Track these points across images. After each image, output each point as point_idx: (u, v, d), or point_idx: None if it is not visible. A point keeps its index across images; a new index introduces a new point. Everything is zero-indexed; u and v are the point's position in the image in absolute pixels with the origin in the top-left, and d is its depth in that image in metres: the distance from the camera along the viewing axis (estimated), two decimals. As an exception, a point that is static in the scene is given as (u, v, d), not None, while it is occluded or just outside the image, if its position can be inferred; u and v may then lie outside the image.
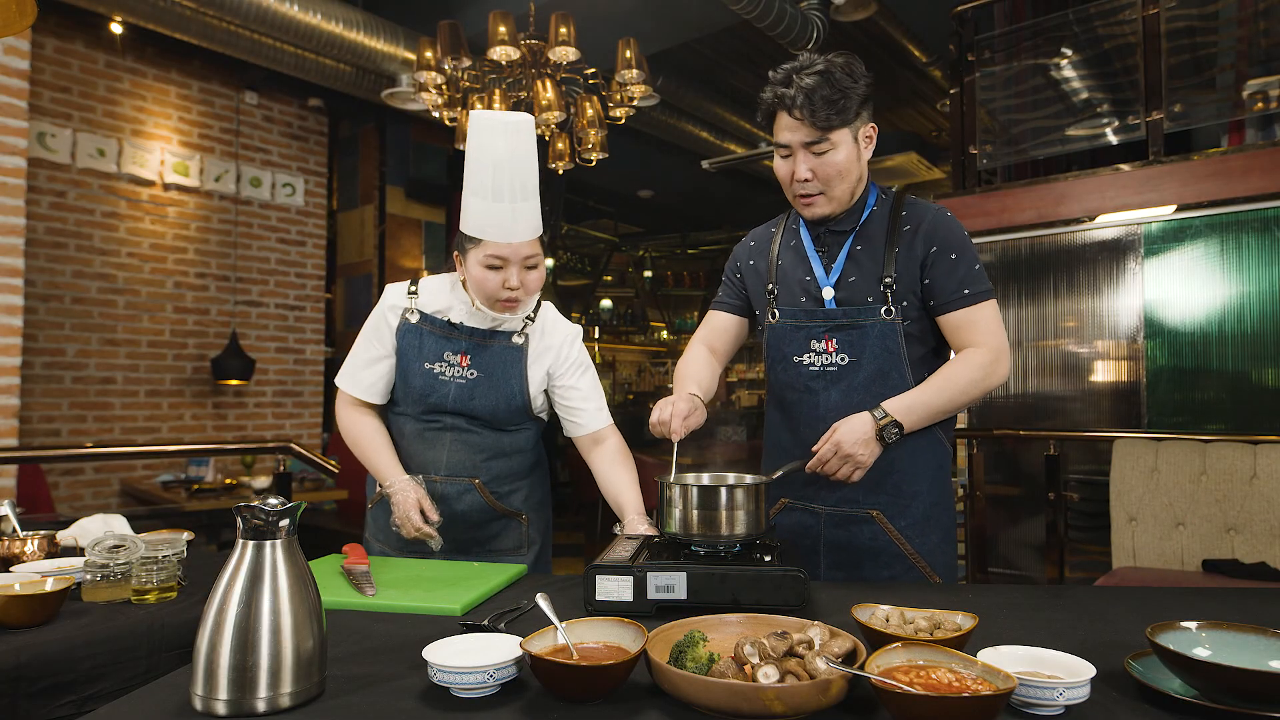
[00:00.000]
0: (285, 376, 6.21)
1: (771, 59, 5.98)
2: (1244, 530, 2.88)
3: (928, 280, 1.57)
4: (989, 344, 1.55)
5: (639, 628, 1.01)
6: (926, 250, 1.56)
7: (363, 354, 1.80)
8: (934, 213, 1.61)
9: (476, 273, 1.64)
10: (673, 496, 1.37)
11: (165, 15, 4.50)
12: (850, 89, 1.50)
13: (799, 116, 1.51)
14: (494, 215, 1.59)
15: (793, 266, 1.68)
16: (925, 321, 1.60)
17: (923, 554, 1.60)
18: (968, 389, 1.53)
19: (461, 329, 1.75)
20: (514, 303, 1.67)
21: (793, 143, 1.55)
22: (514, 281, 1.63)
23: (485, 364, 1.74)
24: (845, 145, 1.54)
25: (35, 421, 4.91)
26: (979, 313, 1.56)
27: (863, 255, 1.61)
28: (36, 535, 1.65)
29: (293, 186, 6.24)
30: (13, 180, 3.60)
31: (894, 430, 1.48)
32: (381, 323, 1.77)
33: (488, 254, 1.61)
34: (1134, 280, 3.59)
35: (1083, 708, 0.89)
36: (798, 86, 1.51)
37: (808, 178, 1.55)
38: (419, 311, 1.75)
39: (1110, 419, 3.66)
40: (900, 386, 1.56)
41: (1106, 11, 3.91)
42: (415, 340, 1.74)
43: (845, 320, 1.59)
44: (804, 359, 1.63)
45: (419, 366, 1.73)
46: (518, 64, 3.85)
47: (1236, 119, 3.69)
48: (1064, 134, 4.07)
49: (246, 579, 0.92)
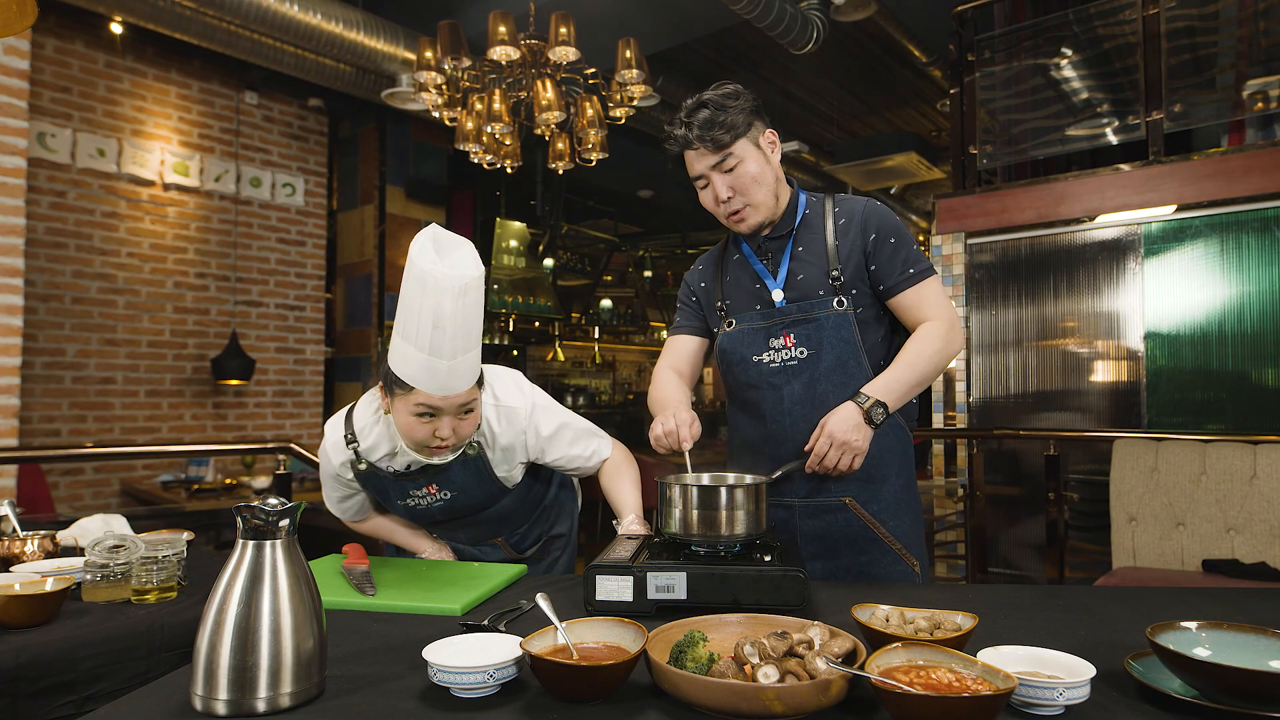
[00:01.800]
0: (285, 376, 6.21)
1: (771, 59, 6.00)
2: (1244, 530, 2.88)
3: (873, 267, 1.64)
4: (941, 316, 1.63)
5: (639, 628, 1.01)
6: (866, 239, 1.65)
7: (334, 494, 1.79)
8: (865, 204, 1.70)
9: (405, 420, 1.50)
10: (673, 496, 1.37)
11: (165, 15, 4.50)
12: (730, 107, 1.60)
13: (698, 147, 1.61)
14: (430, 369, 1.43)
15: (739, 279, 1.75)
16: (875, 307, 1.67)
17: (897, 536, 1.65)
18: (934, 359, 1.60)
19: (412, 473, 1.66)
20: (443, 449, 1.54)
21: (703, 170, 1.63)
22: (445, 431, 1.50)
23: (454, 483, 1.67)
24: (750, 155, 1.62)
25: (35, 421, 4.90)
26: (926, 289, 1.64)
27: (805, 254, 1.68)
28: (36, 535, 1.65)
29: (293, 186, 6.24)
30: (13, 180, 3.60)
31: (879, 410, 1.53)
32: (336, 482, 1.73)
33: (418, 403, 1.47)
34: (1134, 280, 3.59)
35: (1083, 708, 0.89)
36: (686, 125, 1.62)
37: (729, 196, 1.63)
38: (366, 461, 1.65)
39: (1110, 419, 3.66)
40: (858, 373, 1.62)
41: (1106, 11, 3.91)
42: (377, 484, 1.68)
43: (800, 315, 1.65)
44: (764, 357, 1.68)
45: (394, 501, 1.71)
46: (518, 64, 3.85)
47: (1236, 119, 3.69)
48: (1064, 134, 4.07)
49: (246, 579, 0.92)
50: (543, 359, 9.49)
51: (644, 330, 11.03)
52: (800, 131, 7.44)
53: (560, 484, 1.93)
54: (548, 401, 1.73)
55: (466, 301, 1.42)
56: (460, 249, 1.45)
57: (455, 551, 1.86)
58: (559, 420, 1.72)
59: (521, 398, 1.69)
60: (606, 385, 10.58)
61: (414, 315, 1.42)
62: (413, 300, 1.43)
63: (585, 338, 10.22)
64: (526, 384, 1.74)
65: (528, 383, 1.74)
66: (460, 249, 1.45)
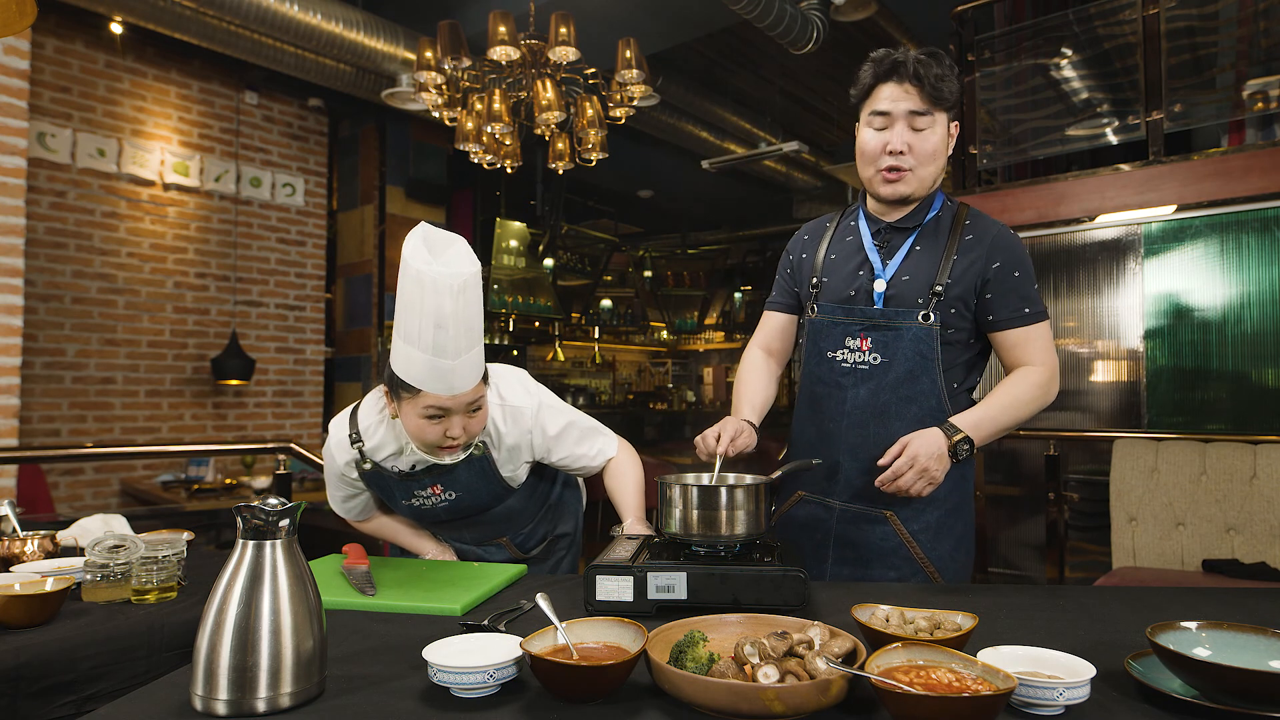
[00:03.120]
0: (285, 376, 6.21)
1: (772, 59, 5.99)
2: (1244, 530, 2.88)
3: (989, 295, 1.56)
4: (1045, 363, 1.56)
5: (639, 628, 1.01)
6: (989, 264, 1.56)
7: (338, 494, 1.78)
8: (999, 228, 1.61)
9: (413, 423, 1.50)
10: (673, 496, 1.37)
11: (165, 15, 4.50)
12: (953, 78, 1.54)
13: (910, 87, 1.52)
14: (435, 369, 1.42)
15: (845, 259, 1.66)
16: (970, 331, 1.59)
17: (933, 560, 1.59)
18: (1029, 406, 1.54)
19: (416, 474, 1.66)
20: (454, 448, 1.55)
21: (895, 111, 1.53)
22: (456, 431, 1.51)
23: (459, 484, 1.67)
24: (941, 128, 1.55)
25: (35, 421, 4.90)
26: (1036, 331, 1.56)
27: (921, 255, 1.59)
28: (36, 535, 1.65)
29: (293, 186, 6.24)
30: (13, 180, 3.60)
31: (965, 447, 1.46)
32: (341, 481, 1.74)
33: (427, 405, 1.46)
34: (1134, 280, 3.59)
35: (1083, 708, 0.89)
36: (912, 60, 1.52)
37: (903, 150, 1.54)
38: (371, 460, 1.66)
39: (1110, 419, 3.66)
40: (930, 390, 1.56)
41: (1106, 11, 3.91)
42: (382, 483, 1.68)
43: (883, 321, 1.58)
44: (838, 355, 1.63)
45: (397, 503, 1.72)
46: (518, 64, 3.85)
47: (1236, 119, 3.69)
48: (1064, 134, 4.07)
49: (246, 579, 0.92)
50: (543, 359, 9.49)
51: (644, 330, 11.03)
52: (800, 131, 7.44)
53: (565, 483, 1.93)
54: (554, 400, 1.72)
55: (466, 299, 1.41)
56: (453, 246, 1.44)
57: (459, 552, 1.85)
58: (565, 419, 1.70)
59: (527, 397, 1.67)
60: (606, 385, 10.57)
61: (414, 317, 1.41)
62: (411, 302, 1.41)
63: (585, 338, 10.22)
64: (532, 383, 1.73)
65: (533, 381, 1.74)
66: (453, 246, 1.44)
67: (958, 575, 1.64)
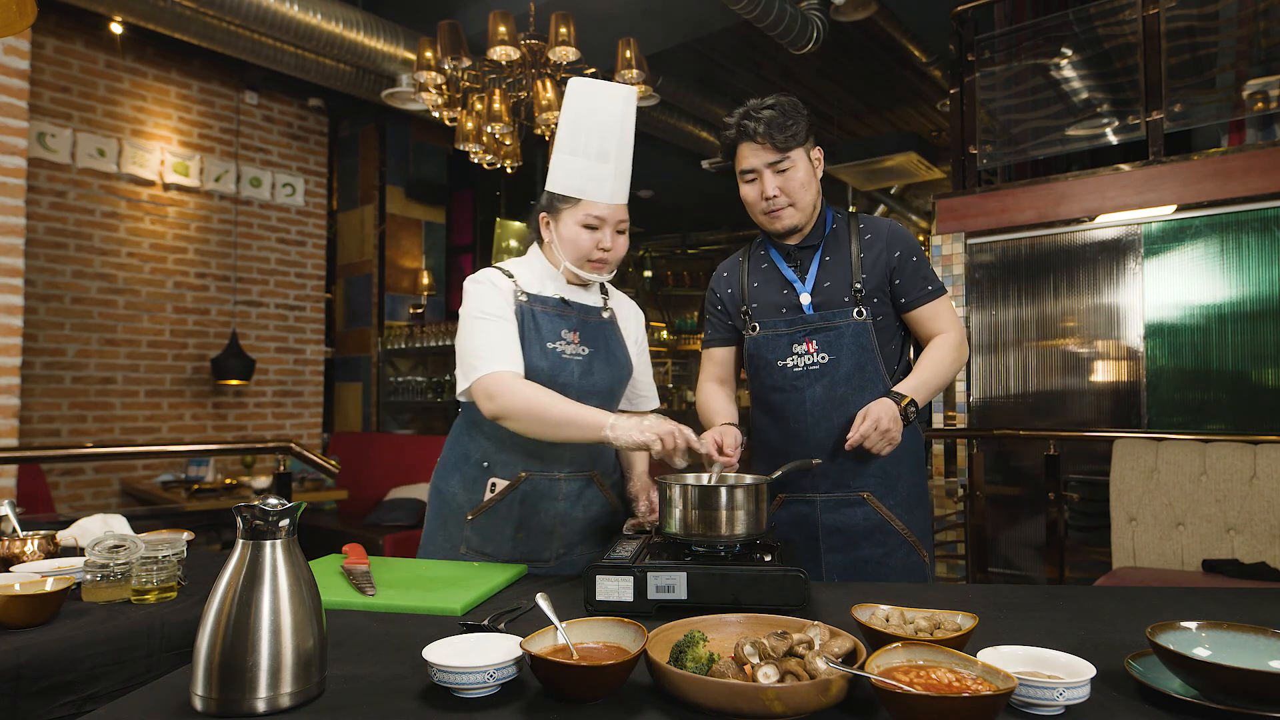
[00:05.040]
0: (285, 376, 6.21)
1: (772, 59, 6.00)
2: (1244, 530, 2.88)
3: (897, 281, 1.78)
4: (953, 328, 1.80)
5: (639, 628, 1.01)
6: (891, 255, 1.78)
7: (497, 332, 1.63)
8: (889, 224, 1.85)
9: (570, 232, 1.66)
10: (673, 497, 1.37)
11: (165, 15, 4.50)
12: (798, 116, 1.74)
13: (761, 142, 1.72)
14: (595, 175, 1.63)
15: (766, 284, 1.85)
16: (891, 318, 1.80)
17: (911, 529, 1.76)
18: (951, 367, 1.77)
19: (572, 306, 1.73)
20: (602, 265, 1.70)
21: (757, 165, 1.74)
22: (607, 243, 1.67)
23: (592, 339, 1.74)
24: (802, 164, 1.75)
25: (35, 421, 4.91)
26: (941, 305, 1.80)
27: (832, 264, 1.80)
28: (36, 535, 1.65)
29: (293, 186, 6.24)
30: (13, 180, 3.60)
31: (912, 409, 1.66)
32: (498, 300, 1.66)
33: (586, 213, 1.65)
34: (1134, 280, 3.59)
35: (1083, 708, 0.89)
36: (753, 118, 1.73)
37: (775, 194, 1.74)
38: (526, 293, 1.69)
39: (1110, 419, 3.66)
40: (875, 378, 1.74)
41: (1106, 11, 3.91)
42: (530, 322, 1.68)
43: (822, 323, 1.76)
44: (787, 362, 1.79)
45: (540, 348, 1.66)
46: (518, 64, 3.85)
47: (1236, 119, 3.69)
48: (1064, 134, 4.07)
49: (246, 579, 0.92)
50: (543, 359, 9.48)
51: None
52: (800, 131, 7.43)
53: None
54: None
55: (625, 110, 1.65)
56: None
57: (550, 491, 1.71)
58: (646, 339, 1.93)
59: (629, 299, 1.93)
60: (606, 385, 10.57)
61: (580, 129, 1.64)
62: (580, 114, 1.65)
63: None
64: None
65: None
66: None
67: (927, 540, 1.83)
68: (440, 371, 6.50)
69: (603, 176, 1.64)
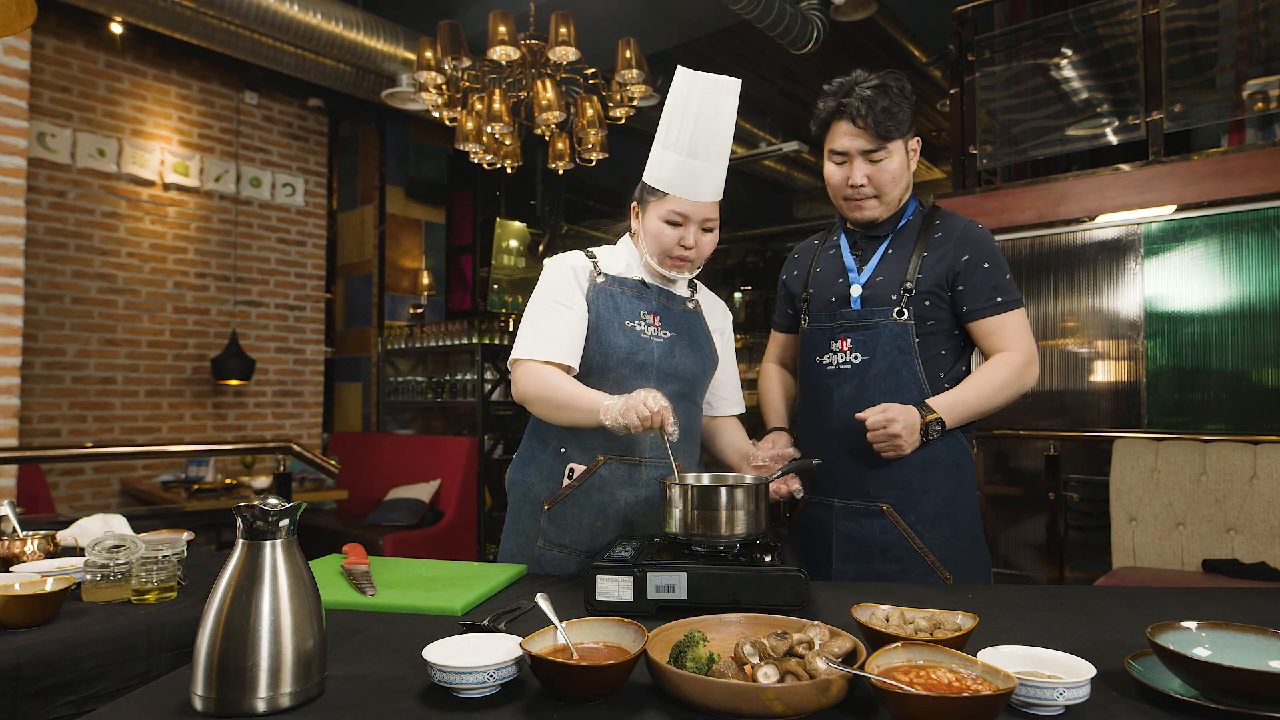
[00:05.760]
0: (285, 376, 6.21)
1: (772, 59, 5.99)
2: (1244, 530, 2.88)
3: (961, 287, 1.65)
4: (1021, 348, 1.63)
5: (639, 628, 1.01)
6: (958, 258, 1.65)
7: (551, 318, 1.63)
8: (967, 224, 1.70)
9: (654, 226, 1.64)
10: (673, 496, 1.37)
11: (165, 15, 4.50)
12: (905, 103, 1.62)
13: (860, 125, 1.61)
14: (685, 171, 1.59)
15: (827, 270, 1.79)
16: (945, 324, 1.67)
17: (932, 548, 1.63)
18: (1002, 389, 1.61)
19: (651, 288, 1.71)
20: (684, 262, 1.66)
21: (851, 149, 1.65)
22: (690, 241, 1.63)
23: (674, 324, 1.70)
24: (898, 154, 1.65)
25: (35, 421, 4.90)
26: (1010, 319, 1.64)
27: (893, 259, 1.70)
28: (36, 535, 1.65)
29: (293, 186, 6.24)
30: (13, 180, 3.60)
31: (936, 428, 1.56)
32: (569, 282, 1.66)
33: (670, 209, 1.61)
34: (1134, 280, 3.59)
35: (1083, 708, 0.89)
36: (858, 96, 1.61)
37: (863, 183, 1.65)
38: (605, 274, 1.69)
39: (1110, 419, 3.66)
40: (910, 382, 1.63)
41: (1106, 11, 3.91)
42: (609, 301, 1.66)
43: (860, 321, 1.68)
44: (824, 359, 1.73)
45: (619, 325, 1.64)
46: (518, 64, 3.85)
47: (1236, 119, 3.69)
48: (1064, 134, 4.07)
49: (246, 579, 0.92)
50: (543, 359, 9.47)
51: (644, 330, 11.02)
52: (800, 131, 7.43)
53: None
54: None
55: (726, 101, 1.58)
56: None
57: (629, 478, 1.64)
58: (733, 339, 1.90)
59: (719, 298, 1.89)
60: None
61: (676, 121, 1.59)
62: (677, 105, 1.59)
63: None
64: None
65: None
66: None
67: (968, 567, 1.66)
68: (440, 371, 6.50)
69: (691, 172, 1.59)
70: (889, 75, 1.64)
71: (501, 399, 6.09)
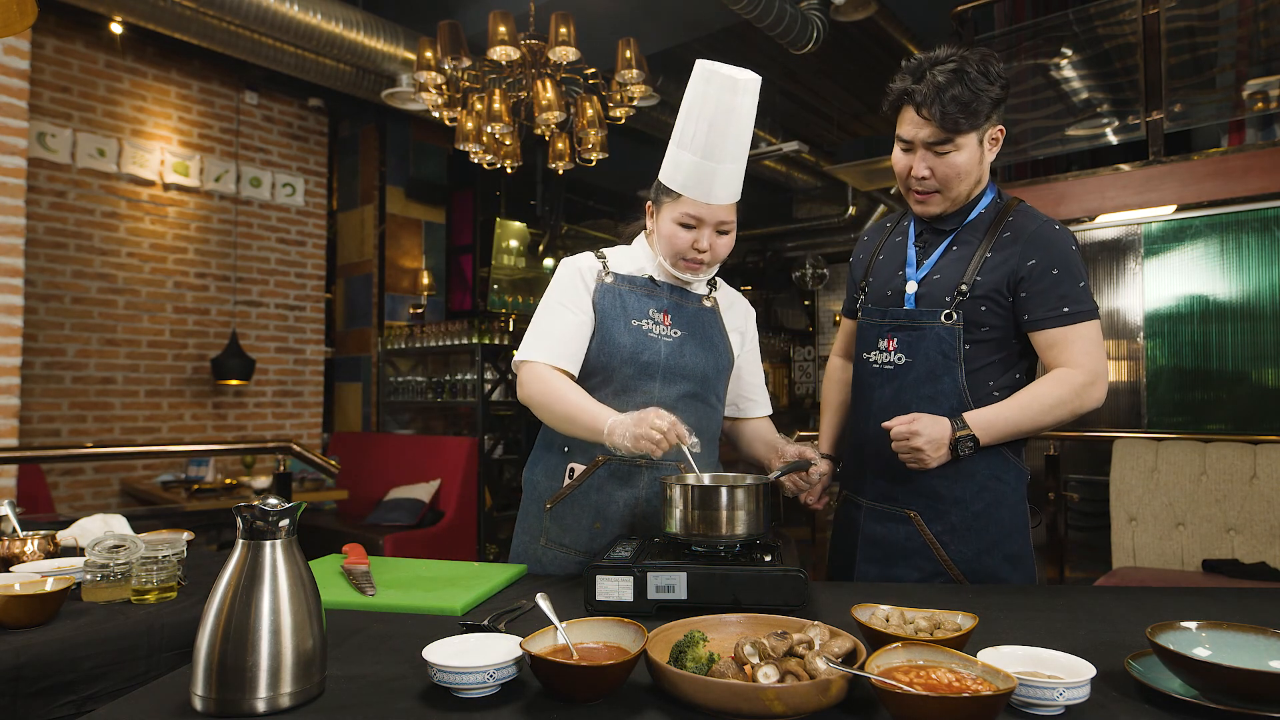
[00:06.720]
0: (285, 376, 6.21)
1: (772, 59, 5.99)
2: (1244, 530, 2.88)
3: (1024, 294, 1.50)
4: (1085, 365, 1.47)
5: (639, 628, 1.01)
6: (1024, 262, 1.50)
7: (554, 320, 1.62)
8: (1042, 223, 1.54)
9: (668, 228, 1.59)
10: (673, 496, 1.37)
11: (165, 15, 4.50)
12: (984, 91, 1.46)
13: (926, 115, 1.47)
14: (699, 173, 1.53)
15: (890, 260, 1.69)
16: (1004, 332, 1.54)
17: (957, 562, 1.56)
18: (1054, 409, 1.46)
19: (661, 286, 1.67)
20: (698, 265, 1.61)
21: (915, 139, 1.52)
22: (704, 244, 1.58)
23: (686, 323, 1.66)
24: (969, 148, 1.51)
25: (35, 421, 4.90)
26: (1076, 332, 1.48)
27: (955, 256, 1.58)
28: (36, 535, 1.64)
29: (293, 186, 6.24)
30: (13, 180, 3.60)
31: (969, 444, 1.45)
32: (576, 284, 1.64)
33: (684, 211, 1.56)
34: (1134, 280, 3.59)
35: (1083, 708, 0.89)
36: (929, 82, 1.46)
37: (925, 175, 1.53)
38: (614, 273, 1.66)
39: (1110, 419, 3.66)
40: (950, 390, 1.53)
41: (1106, 11, 3.91)
42: (615, 300, 1.64)
43: (908, 321, 1.59)
44: (870, 356, 1.66)
45: (624, 324, 1.62)
46: (518, 64, 3.85)
47: (1236, 119, 3.69)
48: (1064, 134, 4.07)
49: (246, 579, 0.92)
50: (543, 359, 9.47)
51: (644, 330, 11.01)
52: (800, 131, 7.44)
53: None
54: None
55: (741, 103, 1.52)
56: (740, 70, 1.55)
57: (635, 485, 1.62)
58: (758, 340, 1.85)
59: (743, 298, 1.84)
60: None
61: (692, 119, 1.54)
62: (694, 103, 1.54)
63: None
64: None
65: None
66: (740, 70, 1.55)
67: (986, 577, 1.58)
68: (440, 371, 6.50)
69: (706, 174, 1.52)
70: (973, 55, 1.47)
71: (501, 399, 6.09)
